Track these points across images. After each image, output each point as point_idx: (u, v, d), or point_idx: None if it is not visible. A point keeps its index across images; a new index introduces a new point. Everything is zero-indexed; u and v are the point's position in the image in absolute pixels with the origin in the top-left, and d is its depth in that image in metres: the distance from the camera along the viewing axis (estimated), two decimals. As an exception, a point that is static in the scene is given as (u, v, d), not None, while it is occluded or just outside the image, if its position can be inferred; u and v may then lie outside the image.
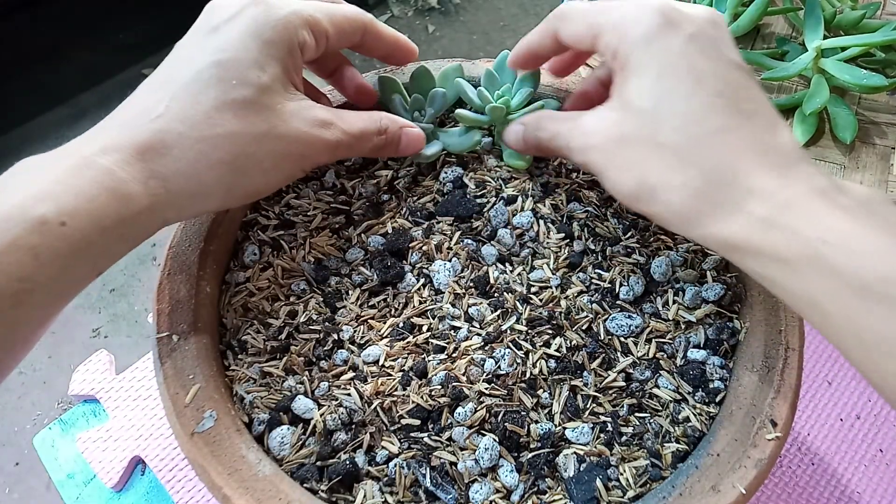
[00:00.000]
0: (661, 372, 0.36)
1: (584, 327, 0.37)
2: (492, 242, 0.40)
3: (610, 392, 0.36)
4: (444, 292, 0.38)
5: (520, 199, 0.41)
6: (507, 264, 0.39)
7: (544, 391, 0.35)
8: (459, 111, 0.42)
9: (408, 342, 0.36)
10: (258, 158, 0.33)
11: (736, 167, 0.28)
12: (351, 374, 0.36)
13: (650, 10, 0.31)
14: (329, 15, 0.36)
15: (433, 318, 0.37)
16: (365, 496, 0.32)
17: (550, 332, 0.36)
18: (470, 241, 0.40)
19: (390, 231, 0.40)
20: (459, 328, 0.37)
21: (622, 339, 0.37)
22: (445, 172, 0.43)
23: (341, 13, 0.37)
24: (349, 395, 0.35)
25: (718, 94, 0.29)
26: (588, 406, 0.35)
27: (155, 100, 0.31)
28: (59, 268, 0.27)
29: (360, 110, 0.38)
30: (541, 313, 0.37)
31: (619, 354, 0.37)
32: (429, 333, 0.37)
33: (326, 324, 0.37)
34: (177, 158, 0.31)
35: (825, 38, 0.56)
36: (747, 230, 0.27)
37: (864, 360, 0.25)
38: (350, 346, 0.37)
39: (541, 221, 0.40)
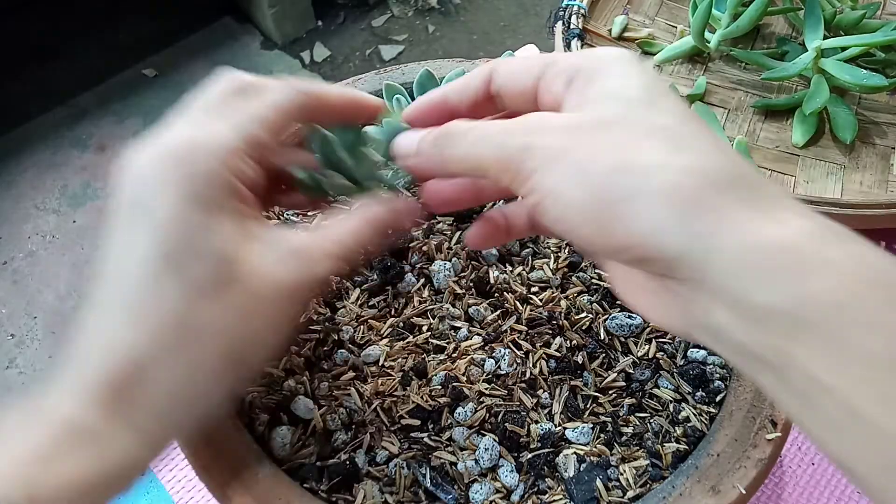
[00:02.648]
0: (661, 372, 0.36)
1: (584, 327, 0.37)
2: (492, 242, 0.40)
3: (610, 392, 0.36)
4: (444, 292, 0.38)
5: (520, 199, 0.41)
6: (507, 264, 0.39)
7: (544, 391, 0.35)
8: None
9: (408, 342, 0.36)
10: (254, 338, 0.27)
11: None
12: (351, 374, 0.36)
13: (612, 50, 0.27)
14: (262, 122, 0.29)
15: (433, 318, 0.37)
16: (365, 496, 0.32)
17: (550, 332, 0.36)
18: (470, 241, 0.40)
19: (390, 231, 0.40)
20: (459, 328, 0.37)
21: (622, 339, 0.37)
22: (445, 172, 0.43)
23: (273, 110, 0.30)
24: (349, 395, 0.35)
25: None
26: (588, 406, 0.35)
27: (110, 323, 0.26)
28: None
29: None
30: (541, 313, 0.37)
31: (619, 354, 0.37)
32: (429, 333, 0.37)
33: (326, 324, 0.37)
34: (162, 381, 0.25)
35: (825, 38, 0.56)
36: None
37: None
38: (350, 346, 0.37)
39: (541, 221, 0.40)
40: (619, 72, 0.25)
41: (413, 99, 0.43)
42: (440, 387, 0.35)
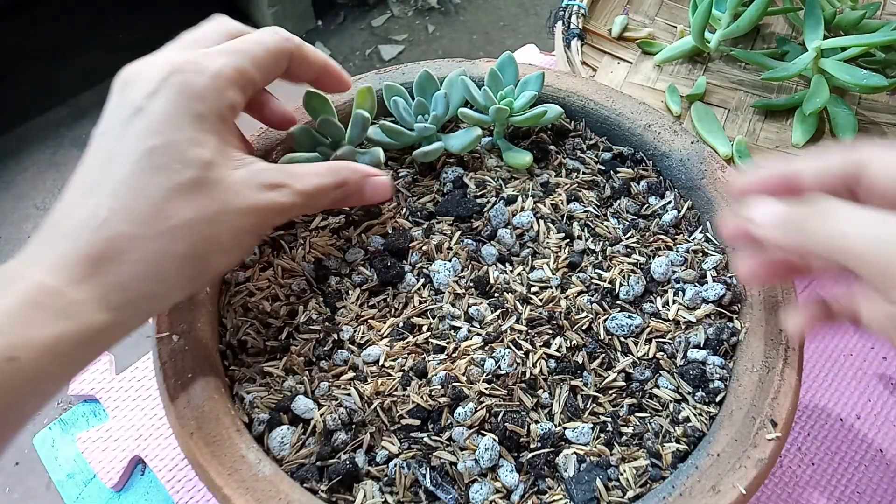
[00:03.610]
0: (661, 372, 0.36)
1: (584, 327, 0.37)
2: (492, 242, 0.40)
3: (610, 392, 0.36)
4: (444, 292, 0.38)
5: (520, 198, 0.41)
6: (507, 264, 0.39)
7: (544, 391, 0.35)
8: (463, 110, 0.42)
9: (408, 342, 0.36)
10: (218, 240, 0.30)
11: None
12: (351, 374, 0.36)
13: None
14: (253, 58, 0.33)
15: (433, 318, 0.37)
16: (365, 496, 0.32)
17: (550, 332, 0.36)
18: (470, 241, 0.40)
19: (390, 231, 0.40)
20: (459, 328, 0.37)
21: (622, 339, 0.37)
22: (445, 172, 0.43)
23: (264, 50, 0.33)
24: (349, 395, 0.35)
25: None
26: (588, 406, 0.35)
27: (94, 203, 0.28)
28: (8, 404, 0.25)
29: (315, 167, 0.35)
30: (541, 313, 0.37)
31: (619, 354, 0.37)
32: (429, 333, 0.37)
33: (326, 324, 0.37)
34: (133, 262, 0.28)
35: (825, 38, 0.56)
36: None
37: None
38: (350, 346, 0.37)
39: (541, 221, 0.40)
40: None
41: (413, 99, 0.43)
42: (440, 387, 0.35)
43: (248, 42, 0.33)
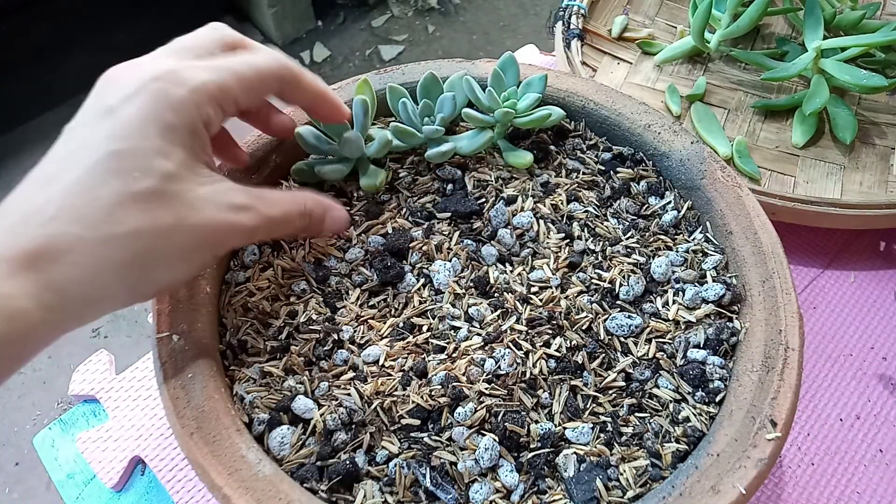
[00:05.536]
0: (661, 372, 0.36)
1: (584, 327, 0.37)
2: (492, 242, 0.40)
3: (610, 392, 0.36)
4: (444, 292, 0.38)
5: (520, 199, 0.41)
6: (507, 264, 0.39)
7: (544, 391, 0.35)
8: (467, 111, 0.42)
9: (408, 342, 0.36)
10: (167, 254, 0.29)
11: None
12: (351, 374, 0.36)
13: None
14: (239, 78, 0.32)
15: (433, 318, 0.37)
16: (365, 496, 0.32)
17: (550, 332, 0.36)
18: (470, 242, 0.40)
19: (390, 231, 0.40)
20: (459, 328, 0.37)
21: (622, 339, 0.37)
22: (445, 172, 0.43)
23: (254, 71, 0.33)
24: (349, 395, 0.35)
25: None
26: (588, 406, 0.35)
27: (44, 198, 0.28)
28: None
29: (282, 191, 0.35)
30: (541, 313, 0.37)
31: (619, 354, 0.37)
32: (429, 333, 0.37)
33: (326, 324, 0.37)
34: (73, 264, 0.27)
35: (825, 38, 0.56)
36: None
37: None
38: (350, 346, 0.37)
39: (541, 221, 0.40)
40: None
41: (416, 101, 0.43)
42: (440, 387, 0.35)
43: (238, 62, 0.33)
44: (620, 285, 0.38)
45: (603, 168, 0.44)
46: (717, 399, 0.35)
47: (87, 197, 0.28)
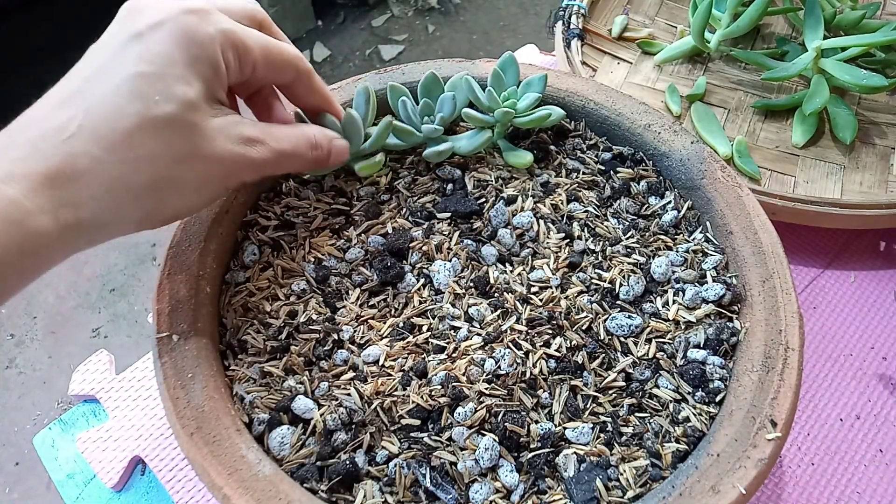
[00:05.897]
0: (661, 372, 0.36)
1: (584, 327, 0.37)
2: (492, 242, 0.40)
3: (610, 392, 0.36)
4: (444, 292, 0.38)
5: (520, 199, 0.41)
6: (507, 264, 0.39)
7: (544, 391, 0.35)
8: (467, 111, 0.42)
9: (408, 342, 0.36)
10: (181, 181, 0.30)
11: None
12: (351, 374, 0.36)
13: None
14: (263, 46, 0.33)
15: (433, 318, 0.37)
16: (365, 496, 0.32)
17: (550, 332, 0.36)
18: (470, 242, 0.40)
19: (390, 231, 0.40)
20: (459, 328, 0.37)
21: (622, 339, 0.37)
22: (445, 172, 0.43)
23: (277, 49, 0.34)
24: (349, 395, 0.35)
25: None
26: (588, 406, 0.35)
27: (66, 116, 0.28)
28: None
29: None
30: (541, 313, 0.37)
31: (619, 354, 0.37)
32: (429, 333, 0.37)
33: (326, 324, 0.37)
34: (91, 184, 0.28)
35: (825, 38, 0.56)
36: None
37: None
38: (350, 346, 0.37)
39: (541, 221, 0.40)
40: None
41: (417, 101, 0.43)
42: (440, 387, 0.35)
43: (267, 37, 0.34)
44: (620, 285, 0.38)
45: (603, 168, 0.44)
46: (717, 399, 0.35)
47: (107, 117, 0.28)
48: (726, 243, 0.40)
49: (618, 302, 0.38)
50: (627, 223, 0.41)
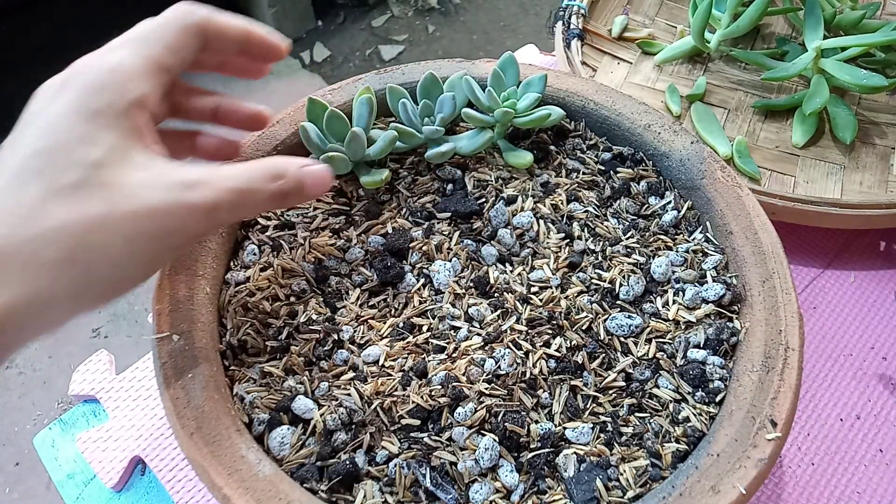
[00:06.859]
0: (661, 372, 0.36)
1: (584, 327, 0.37)
2: (492, 242, 0.40)
3: (610, 392, 0.36)
4: (444, 292, 0.38)
5: (520, 199, 0.41)
6: (507, 264, 0.39)
7: (544, 391, 0.35)
8: (467, 111, 0.42)
9: (408, 342, 0.36)
10: (104, 247, 0.27)
11: None
12: (351, 374, 0.36)
13: None
14: (158, 41, 0.31)
15: (433, 318, 0.37)
16: (365, 496, 0.32)
17: (550, 332, 0.36)
18: (470, 242, 0.40)
19: (390, 231, 0.40)
20: (459, 328, 0.37)
21: (622, 339, 0.37)
22: (445, 172, 0.43)
23: (171, 30, 0.31)
24: (349, 395, 0.35)
25: None
26: (588, 406, 0.35)
27: None
28: None
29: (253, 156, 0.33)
30: (541, 313, 0.37)
31: (619, 354, 0.37)
32: (429, 333, 0.37)
33: (326, 324, 0.37)
34: (7, 263, 0.25)
35: (825, 38, 0.56)
36: None
37: None
38: (350, 346, 0.37)
39: (541, 221, 0.40)
40: None
41: (416, 101, 0.43)
42: (440, 387, 0.35)
43: (151, 26, 0.32)
44: (620, 285, 0.38)
45: (603, 168, 0.44)
46: (717, 399, 0.35)
47: (14, 196, 0.27)
48: (726, 243, 0.40)
49: (618, 302, 0.38)
50: (627, 223, 0.41)
